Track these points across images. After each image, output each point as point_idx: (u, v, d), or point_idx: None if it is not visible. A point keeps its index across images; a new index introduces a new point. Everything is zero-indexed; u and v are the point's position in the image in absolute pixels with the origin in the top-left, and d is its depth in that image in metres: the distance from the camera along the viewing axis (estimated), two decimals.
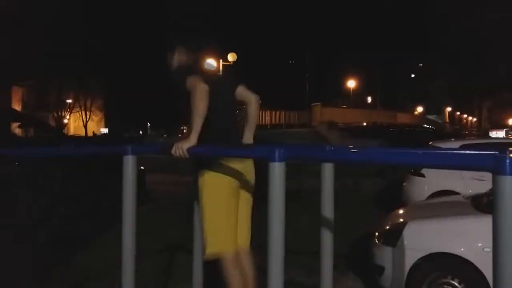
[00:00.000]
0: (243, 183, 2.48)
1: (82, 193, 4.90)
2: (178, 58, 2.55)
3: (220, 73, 2.57)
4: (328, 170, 2.23)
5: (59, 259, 4.20)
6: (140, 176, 7.59)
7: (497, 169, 1.22)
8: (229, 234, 2.37)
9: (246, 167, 2.48)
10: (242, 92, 2.64)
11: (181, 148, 2.15)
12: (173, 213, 6.36)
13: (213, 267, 2.40)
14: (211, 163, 2.35)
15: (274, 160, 1.70)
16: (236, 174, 2.40)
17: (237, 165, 2.40)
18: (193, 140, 2.18)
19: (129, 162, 2.24)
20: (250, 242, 2.57)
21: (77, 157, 3.80)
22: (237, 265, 2.38)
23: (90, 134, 38.69)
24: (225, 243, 2.35)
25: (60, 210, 4.06)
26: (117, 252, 2.31)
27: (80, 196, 4.82)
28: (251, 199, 2.57)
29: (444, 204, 4.21)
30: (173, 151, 2.18)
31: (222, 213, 2.36)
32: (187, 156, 2.17)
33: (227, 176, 2.37)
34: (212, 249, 2.34)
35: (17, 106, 39.66)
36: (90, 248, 4.71)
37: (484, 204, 3.49)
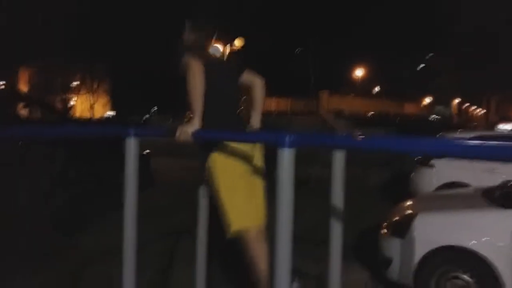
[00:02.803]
0: (253, 165, 2.41)
1: (85, 176, 4.85)
2: (185, 37, 2.46)
3: (225, 60, 2.51)
4: (339, 158, 2.14)
5: (60, 241, 4.17)
6: (145, 160, 7.58)
7: None
8: (249, 210, 2.33)
9: (255, 149, 2.42)
10: (246, 76, 2.56)
11: (185, 133, 2.06)
12: (177, 197, 6.30)
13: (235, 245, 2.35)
14: (219, 145, 2.28)
15: (283, 146, 1.61)
16: (245, 156, 2.34)
17: (245, 147, 2.34)
18: (196, 123, 2.10)
19: (131, 145, 2.15)
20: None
21: (78, 138, 3.73)
22: (260, 239, 2.34)
23: (97, 116, 38.75)
24: (247, 219, 2.30)
25: (62, 192, 4.00)
26: (120, 235, 2.25)
27: (83, 179, 4.76)
28: (262, 180, 2.51)
29: (454, 196, 4.11)
30: (176, 135, 2.09)
31: (238, 191, 2.31)
32: (191, 140, 2.08)
33: (236, 158, 2.31)
34: (235, 227, 2.28)
35: (24, 88, 39.77)
36: (92, 231, 4.67)
37: (497, 197, 3.39)
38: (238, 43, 21.74)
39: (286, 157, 1.63)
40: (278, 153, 1.63)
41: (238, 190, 2.31)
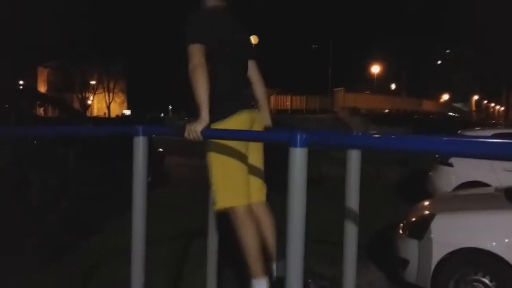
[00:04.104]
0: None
1: (97, 175, 4.86)
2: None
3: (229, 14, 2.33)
4: (354, 157, 2.07)
5: (71, 241, 4.18)
6: (158, 159, 7.59)
7: None
8: (239, 186, 2.24)
9: (253, 116, 2.31)
10: (251, 67, 2.44)
11: (194, 131, 2.00)
12: (190, 197, 6.28)
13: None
14: (216, 116, 2.16)
15: (295, 146, 1.55)
16: (242, 124, 2.23)
17: (242, 115, 2.24)
18: (204, 119, 2.02)
19: (140, 144, 2.11)
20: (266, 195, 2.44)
21: (89, 137, 3.73)
22: (249, 218, 2.23)
23: (113, 115, 39.19)
24: (235, 196, 2.21)
25: (73, 192, 4.00)
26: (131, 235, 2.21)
27: (95, 178, 4.77)
28: (260, 149, 2.42)
29: (474, 197, 3.98)
30: (186, 134, 2.03)
31: (230, 167, 2.21)
32: (201, 138, 2.01)
33: (233, 127, 2.20)
34: (221, 204, 2.22)
35: (42, 87, 40.47)
36: (104, 231, 4.68)
37: None
38: (252, 40, 21.68)
39: (298, 157, 1.56)
40: (289, 152, 1.56)
41: (229, 165, 2.21)
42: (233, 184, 2.22)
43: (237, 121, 2.20)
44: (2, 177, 3.30)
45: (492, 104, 56.31)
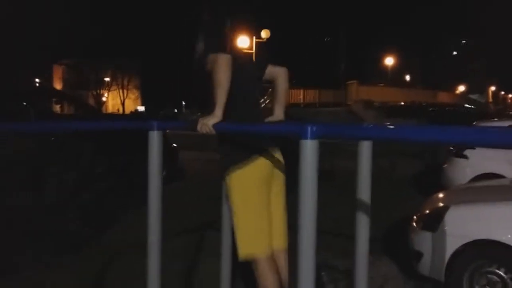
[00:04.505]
0: (273, 177, 2.35)
1: (113, 170, 4.94)
2: (204, 23, 2.37)
3: (251, 56, 2.41)
4: (365, 149, 2.07)
5: (90, 235, 4.26)
6: (173, 153, 7.68)
7: None
8: (262, 235, 2.26)
9: (275, 159, 2.33)
10: (269, 70, 2.49)
11: (206, 125, 2.04)
12: (204, 191, 6.35)
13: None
14: (237, 159, 2.23)
15: (306, 138, 1.56)
16: (265, 169, 2.27)
17: (264, 159, 2.27)
18: (218, 115, 2.06)
19: (155, 138, 2.15)
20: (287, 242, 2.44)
21: (103, 133, 3.79)
22: (271, 266, 2.27)
23: (127, 112, 39.57)
24: (258, 245, 2.24)
25: (92, 186, 4.09)
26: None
27: (110, 173, 4.85)
28: (283, 193, 2.43)
29: (489, 188, 3.94)
30: (198, 128, 2.07)
31: (253, 214, 2.25)
32: (213, 132, 2.05)
33: (255, 173, 2.24)
34: (245, 251, 2.25)
35: (58, 84, 41.04)
36: (121, 224, 4.76)
37: None
38: (264, 34, 21.61)
39: (309, 149, 1.57)
40: (300, 144, 1.58)
41: (253, 213, 2.24)
42: (256, 233, 2.25)
43: (259, 167, 2.24)
44: (21, 171, 3.39)
45: (510, 96, 55.22)
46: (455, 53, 48.28)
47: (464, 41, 45.95)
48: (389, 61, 36.91)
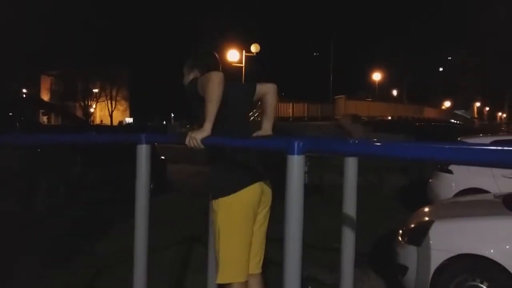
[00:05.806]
0: (260, 206, 2.39)
1: (102, 181, 4.90)
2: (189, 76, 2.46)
3: (239, 83, 2.45)
4: (351, 164, 2.11)
5: (77, 247, 4.22)
6: (161, 166, 7.65)
7: None
8: (241, 264, 2.32)
9: (263, 188, 2.38)
10: (258, 89, 2.51)
11: (194, 139, 2.05)
12: (191, 204, 6.32)
13: None
14: (227, 188, 2.28)
15: (292, 153, 1.58)
16: (252, 199, 2.31)
17: (253, 190, 2.31)
18: (207, 129, 2.08)
19: (143, 151, 2.16)
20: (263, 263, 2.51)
21: (92, 145, 3.78)
22: None
23: (115, 123, 39.32)
24: (236, 273, 2.31)
25: (79, 198, 4.05)
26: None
27: (99, 185, 4.81)
28: (266, 221, 2.48)
29: (473, 203, 4.01)
30: (187, 141, 2.08)
31: (236, 244, 2.30)
32: (202, 146, 2.07)
33: (242, 204, 2.29)
34: (222, 278, 2.31)
35: (45, 95, 40.65)
36: (109, 236, 4.71)
37: None
38: (254, 49, 21.79)
39: (296, 164, 1.59)
40: (287, 159, 1.60)
41: (236, 242, 2.30)
42: (236, 262, 2.30)
43: (246, 198, 2.29)
44: (10, 183, 3.35)
45: (499, 114, 56.18)
46: (441, 69, 49.13)
47: (450, 58, 46.81)
48: (377, 76, 37.41)
